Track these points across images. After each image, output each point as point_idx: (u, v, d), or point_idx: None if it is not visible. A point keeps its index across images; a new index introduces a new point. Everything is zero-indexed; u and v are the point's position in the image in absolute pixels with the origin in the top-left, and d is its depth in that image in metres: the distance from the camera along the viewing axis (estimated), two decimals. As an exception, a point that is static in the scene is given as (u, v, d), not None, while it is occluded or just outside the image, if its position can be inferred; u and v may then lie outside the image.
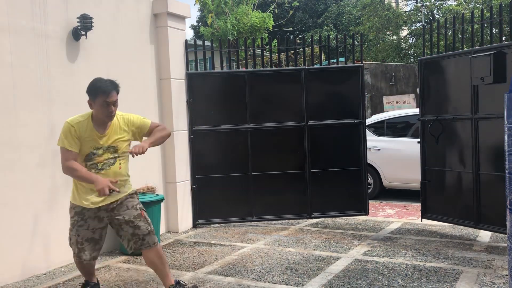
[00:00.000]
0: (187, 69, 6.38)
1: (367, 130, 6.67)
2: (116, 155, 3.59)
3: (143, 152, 3.41)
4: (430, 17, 24.07)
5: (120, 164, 3.62)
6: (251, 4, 16.56)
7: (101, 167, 3.52)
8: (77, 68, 5.04)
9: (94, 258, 3.61)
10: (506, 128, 3.00)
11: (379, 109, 15.33)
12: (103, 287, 4.17)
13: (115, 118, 3.55)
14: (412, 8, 25.26)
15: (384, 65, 17.29)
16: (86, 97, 5.11)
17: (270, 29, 16.82)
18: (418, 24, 24.33)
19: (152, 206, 5.23)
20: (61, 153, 3.49)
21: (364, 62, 8.10)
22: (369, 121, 8.27)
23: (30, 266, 4.51)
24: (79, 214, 3.53)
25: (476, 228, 5.37)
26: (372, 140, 8.08)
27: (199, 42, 10.44)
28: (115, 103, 3.46)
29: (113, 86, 3.48)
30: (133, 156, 3.44)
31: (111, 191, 3.38)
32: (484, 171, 5.11)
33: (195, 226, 6.34)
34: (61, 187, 4.83)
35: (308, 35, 12.36)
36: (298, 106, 6.22)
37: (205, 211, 6.31)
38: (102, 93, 3.41)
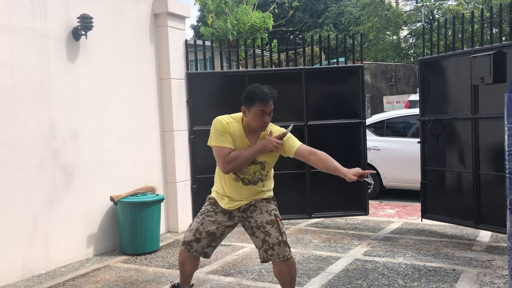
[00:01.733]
0: (187, 69, 6.38)
1: (367, 130, 6.67)
2: (264, 172, 3.26)
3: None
4: (430, 17, 24.08)
5: (263, 183, 3.29)
6: (251, 4, 16.57)
7: (247, 182, 3.21)
8: (77, 68, 5.04)
9: (204, 254, 3.25)
10: (506, 128, 3.00)
11: (379, 109, 15.33)
12: (103, 287, 4.17)
13: (266, 129, 3.22)
14: (412, 8, 25.27)
15: (384, 65, 17.30)
16: (86, 97, 5.17)
17: (270, 29, 16.82)
18: (418, 24, 24.34)
19: (152, 206, 5.24)
20: (217, 155, 3.13)
21: (364, 62, 8.11)
22: (369, 121, 8.27)
23: (30, 266, 4.51)
24: (213, 205, 3.29)
25: (476, 228, 5.37)
26: (372, 140, 8.08)
27: (199, 42, 10.46)
28: (270, 113, 3.13)
29: (272, 95, 3.11)
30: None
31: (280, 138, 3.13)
32: (484, 171, 5.11)
33: (195, 226, 6.33)
34: (61, 187, 4.83)
35: (308, 35, 12.39)
36: (298, 106, 6.22)
37: (205, 211, 6.30)
38: (260, 101, 3.06)
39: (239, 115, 3.21)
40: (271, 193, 3.38)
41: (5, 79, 4.33)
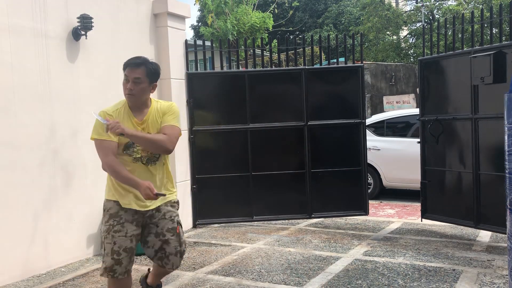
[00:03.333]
0: (187, 69, 6.38)
1: (367, 130, 6.67)
2: None
3: (115, 131, 2.75)
4: (430, 17, 24.07)
5: (164, 161, 3.10)
6: (251, 4, 16.56)
7: (145, 161, 3.01)
8: (77, 68, 5.04)
9: (129, 272, 3.00)
10: (506, 128, 3.00)
11: (379, 109, 15.33)
12: (103, 287, 4.17)
13: (154, 105, 3.06)
14: (412, 8, 25.26)
15: (384, 65, 17.29)
16: (86, 97, 5.17)
17: (270, 29, 16.81)
18: (418, 24, 24.33)
19: (152, 206, 5.23)
20: (97, 148, 2.94)
21: (364, 62, 8.10)
22: (369, 121, 8.27)
23: (30, 266, 4.51)
24: (114, 217, 2.97)
25: (476, 228, 5.37)
26: (372, 140, 8.08)
27: (199, 42, 10.45)
28: (135, 80, 2.93)
29: (139, 61, 3.00)
30: (106, 130, 2.79)
31: (157, 195, 2.86)
32: (484, 171, 5.11)
33: (195, 226, 6.34)
34: (60, 187, 4.83)
35: (308, 35, 12.39)
36: (298, 106, 6.22)
37: (205, 211, 6.31)
38: (125, 67, 3.00)
39: (123, 100, 3.06)
40: (175, 196, 3.21)
41: (5, 79, 4.33)
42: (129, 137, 2.85)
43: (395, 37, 25.42)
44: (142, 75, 2.95)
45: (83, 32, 4.98)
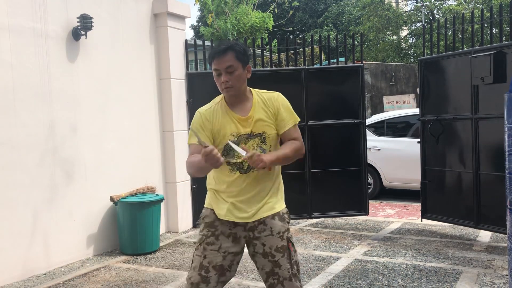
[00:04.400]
0: (187, 69, 6.38)
1: (367, 130, 6.67)
2: (265, 148, 2.54)
3: (264, 166, 2.34)
4: (430, 17, 24.07)
5: (271, 173, 2.59)
6: (251, 4, 16.55)
7: (246, 167, 2.50)
8: (77, 68, 5.04)
9: None
10: (506, 128, 3.00)
11: (379, 109, 15.33)
12: (103, 287, 4.17)
13: (256, 97, 2.58)
14: (412, 8, 25.26)
15: (384, 65, 17.30)
16: (86, 97, 5.17)
17: (270, 29, 16.81)
18: (418, 24, 24.33)
19: (152, 206, 5.23)
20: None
21: (364, 62, 8.10)
22: (369, 121, 8.27)
23: (30, 266, 4.51)
24: (209, 227, 2.54)
25: (476, 228, 5.37)
26: (372, 140, 8.07)
27: (199, 42, 10.44)
28: (229, 69, 2.45)
29: (224, 46, 2.48)
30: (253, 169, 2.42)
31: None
32: (484, 171, 5.11)
33: (195, 226, 6.34)
34: (60, 187, 4.83)
35: (308, 35, 12.36)
36: (298, 106, 6.19)
37: (205, 211, 6.30)
38: (211, 61, 2.51)
39: (220, 95, 2.67)
40: (283, 203, 2.63)
41: (5, 79, 4.33)
42: (271, 164, 2.43)
43: (395, 37, 25.42)
44: (233, 61, 2.46)
45: (83, 32, 4.98)
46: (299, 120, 2.64)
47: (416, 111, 7.27)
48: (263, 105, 2.55)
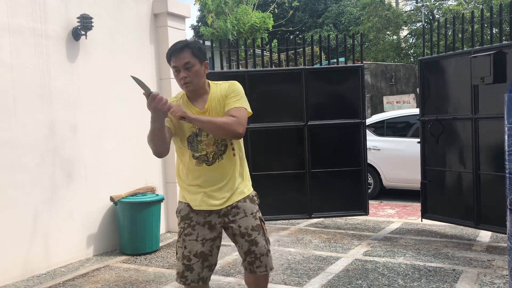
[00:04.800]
0: (187, 69, 6.37)
1: (367, 130, 6.66)
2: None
3: (179, 116, 2.46)
4: (430, 17, 24.08)
5: (233, 149, 2.72)
6: (251, 4, 16.56)
7: (212, 158, 2.66)
8: (77, 68, 5.04)
9: (203, 280, 2.69)
10: (506, 128, 3.00)
11: (379, 109, 15.33)
12: (103, 287, 4.17)
13: (214, 89, 2.71)
14: (412, 8, 25.27)
15: (384, 65, 17.30)
16: (86, 97, 5.17)
17: (270, 29, 16.81)
18: (418, 24, 24.34)
19: (152, 206, 5.24)
20: None
21: (364, 62, 8.10)
22: (369, 121, 8.27)
23: (30, 266, 4.51)
24: (185, 220, 2.72)
25: (476, 228, 5.36)
26: (372, 140, 8.08)
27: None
28: (186, 66, 2.58)
29: (181, 44, 2.61)
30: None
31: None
32: (484, 171, 5.11)
33: (195, 226, 6.33)
34: (60, 187, 4.83)
35: (308, 35, 12.35)
36: (298, 106, 6.21)
37: (205, 211, 6.30)
38: (169, 58, 2.64)
39: (181, 91, 2.78)
40: (251, 187, 2.85)
41: (5, 79, 4.33)
42: (191, 122, 2.53)
43: (395, 37, 25.43)
44: (190, 58, 2.60)
45: (83, 32, 4.98)
46: (248, 109, 2.69)
47: (416, 111, 7.27)
48: (219, 96, 2.67)
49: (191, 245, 2.67)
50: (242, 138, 2.74)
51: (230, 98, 2.66)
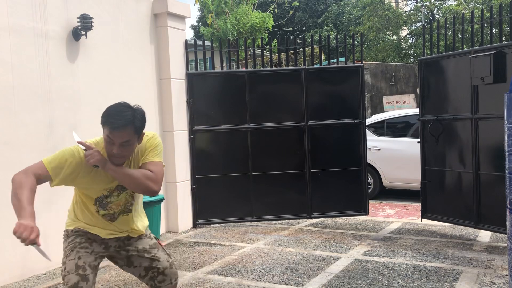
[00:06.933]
0: (187, 69, 6.38)
1: (367, 130, 6.67)
2: (132, 200, 2.68)
3: (89, 161, 2.40)
4: (430, 17, 24.08)
5: (134, 216, 2.72)
6: (251, 4, 16.56)
7: (118, 216, 2.65)
8: (77, 68, 5.04)
9: None
10: (506, 128, 3.00)
11: (379, 109, 15.33)
12: (103, 287, 4.17)
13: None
14: (412, 8, 25.26)
15: (384, 65, 17.29)
16: (86, 97, 5.17)
17: (270, 29, 16.81)
18: (418, 24, 24.33)
19: (152, 206, 5.23)
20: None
21: (364, 62, 8.10)
22: (369, 121, 8.27)
23: (30, 266, 4.51)
24: (81, 236, 2.71)
25: (476, 228, 5.37)
26: (372, 140, 8.08)
27: (199, 42, 10.44)
28: (123, 144, 2.38)
29: (124, 122, 2.34)
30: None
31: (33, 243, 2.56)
32: (484, 171, 5.11)
33: (195, 226, 6.34)
34: (60, 187, 4.82)
35: (308, 35, 12.36)
36: (298, 106, 6.22)
37: (205, 211, 6.31)
38: (106, 126, 2.39)
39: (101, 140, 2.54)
40: (147, 221, 2.86)
41: (5, 79, 4.33)
42: (107, 171, 2.41)
43: (395, 37, 25.42)
44: (131, 136, 2.38)
45: (83, 32, 4.98)
46: (162, 163, 2.59)
47: (416, 111, 7.27)
48: (138, 148, 2.55)
49: (86, 256, 2.63)
50: None
51: (149, 152, 2.55)
